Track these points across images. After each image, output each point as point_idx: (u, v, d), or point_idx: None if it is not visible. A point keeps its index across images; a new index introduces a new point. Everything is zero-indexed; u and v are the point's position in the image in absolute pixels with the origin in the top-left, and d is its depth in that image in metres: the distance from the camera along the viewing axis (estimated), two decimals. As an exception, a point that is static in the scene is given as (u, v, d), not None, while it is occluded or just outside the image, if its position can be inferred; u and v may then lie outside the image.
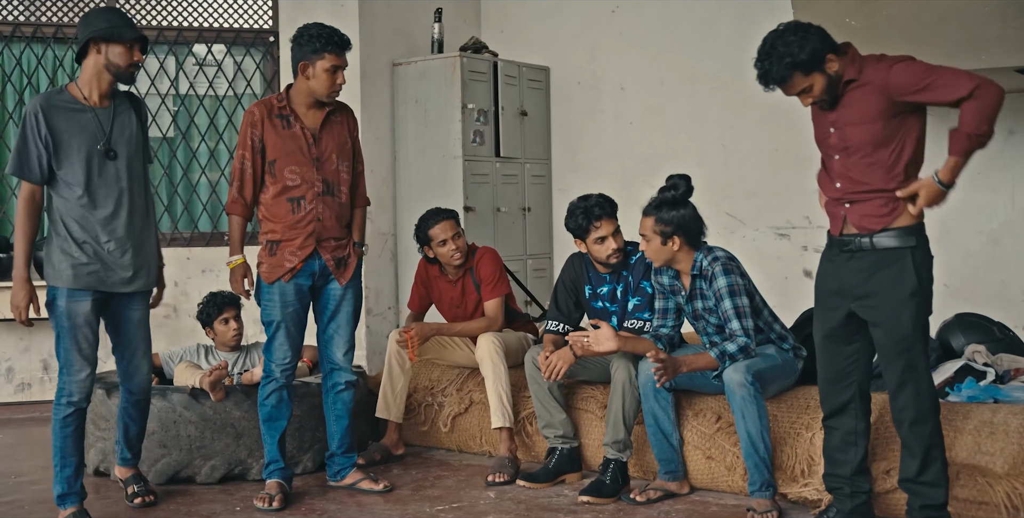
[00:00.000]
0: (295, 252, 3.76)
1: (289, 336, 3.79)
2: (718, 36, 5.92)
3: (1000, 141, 5.11)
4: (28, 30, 5.68)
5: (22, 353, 5.63)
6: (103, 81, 3.47)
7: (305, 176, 3.75)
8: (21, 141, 3.39)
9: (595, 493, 3.74)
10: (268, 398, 3.82)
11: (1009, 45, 3.91)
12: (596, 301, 4.10)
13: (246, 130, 3.76)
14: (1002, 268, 5.14)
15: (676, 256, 3.67)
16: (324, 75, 3.71)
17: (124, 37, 3.43)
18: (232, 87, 5.93)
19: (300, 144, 3.75)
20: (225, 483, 4.04)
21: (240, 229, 3.80)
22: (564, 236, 6.58)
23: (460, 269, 4.47)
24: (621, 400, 3.78)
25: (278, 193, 3.76)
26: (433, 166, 5.94)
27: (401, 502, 3.80)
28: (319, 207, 3.77)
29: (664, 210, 3.63)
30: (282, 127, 3.75)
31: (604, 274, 4.05)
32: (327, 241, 3.80)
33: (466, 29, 6.58)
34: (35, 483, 4.12)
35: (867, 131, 3.03)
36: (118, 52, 3.44)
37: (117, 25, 3.44)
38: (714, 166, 5.86)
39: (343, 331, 3.88)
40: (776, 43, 2.99)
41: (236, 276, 3.79)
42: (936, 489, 3.05)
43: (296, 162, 3.74)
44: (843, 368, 3.19)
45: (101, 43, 3.43)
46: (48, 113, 3.39)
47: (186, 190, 5.89)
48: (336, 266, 3.83)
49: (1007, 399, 3.51)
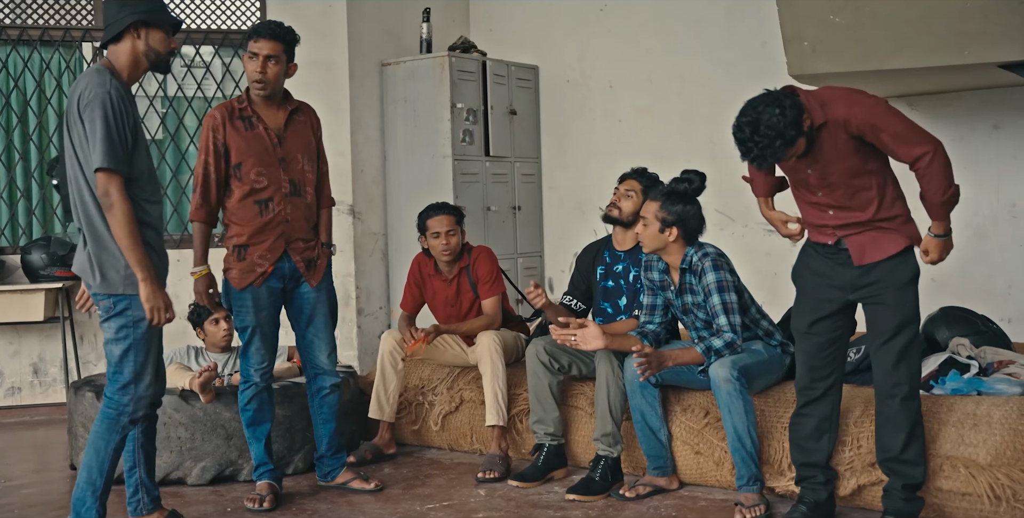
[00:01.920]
0: (264, 255, 3.70)
1: (265, 340, 3.76)
2: (707, 34, 5.94)
3: (985, 136, 5.14)
4: (14, 33, 5.68)
5: (12, 357, 5.63)
6: (140, 69, 3.19)
7: (272, 177, 3.68)
8: (108, 129, 3.00)
9: (583, 491, 3.75)
10: (249, 403, 3.79)
11: (992, 40, 3.92)
12: (608, 280, 4.13)
13: (207, 134, 3.67)
14: (988, 262, 5.16)
15: (669, 247, 3.70)
16: (248, 64, 3.68)
17: (167, 22, 3.18)
18: (220, 88, 5.93)
19: (265, 145, 3.69)
20: (216, 484, 4.05)
21: (204, 237, 3.72)
22: (555, 235, 6.63)
23: (455, 266, 4.48)
24: (606, 392, 3.80)
25: (244, 196, 3.68)
26: (423, 166, 5.95)
27: (392, 501, 3.81)
28: (287, 208, 3.72)
29: (672, 200, 3.67)
30: (244, 129, 3.68)
31: (621, 252, 4.11)
32: (296, 242, 3.75)
33: (455, 28, 6.59)
34: (25, 487, 4.12)
35: (846, 167, 3.10)
36: (159, 38, 3.16)
37: (159, 9, 3.17)
38: (703, 163, 5.80)
39: (323, 334, 3.85)
40: (759, 127, 2.96)
41: (200, 287, 3.71)
42: (917, 468, 3.19)
43: (262, 163, 3.67)
44: (827, 355, 3.28)
45: (142, 28, 3.13)
46: (128, 98, 3.10)
47: (175, 192, 5.89)
48: (306, 268, 3.78)
49: (990, 391, 3.54)
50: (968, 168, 5.18)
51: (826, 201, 3.19)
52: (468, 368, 4.58)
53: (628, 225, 4.06)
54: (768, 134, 2.95)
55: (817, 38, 4.27)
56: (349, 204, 5.84)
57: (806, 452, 3.34)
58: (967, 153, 5.19)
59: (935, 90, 5.12)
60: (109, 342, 3.16)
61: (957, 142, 5.22)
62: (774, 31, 4.92)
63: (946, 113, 5.22)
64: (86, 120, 3.02)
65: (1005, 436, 3.27)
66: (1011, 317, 4.92)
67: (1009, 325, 4.74)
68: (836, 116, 3.03)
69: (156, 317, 3.09)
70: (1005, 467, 3.22)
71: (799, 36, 4.31)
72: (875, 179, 3.14)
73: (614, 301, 4.13)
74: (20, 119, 5.77)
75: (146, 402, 3.20)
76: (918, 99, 5.28)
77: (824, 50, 4.27)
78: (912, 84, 4.87)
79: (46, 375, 5.67)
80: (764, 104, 2.98)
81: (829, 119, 3.04)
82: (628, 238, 4.10)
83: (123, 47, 3.15)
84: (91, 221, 3.10)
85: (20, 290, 5.39)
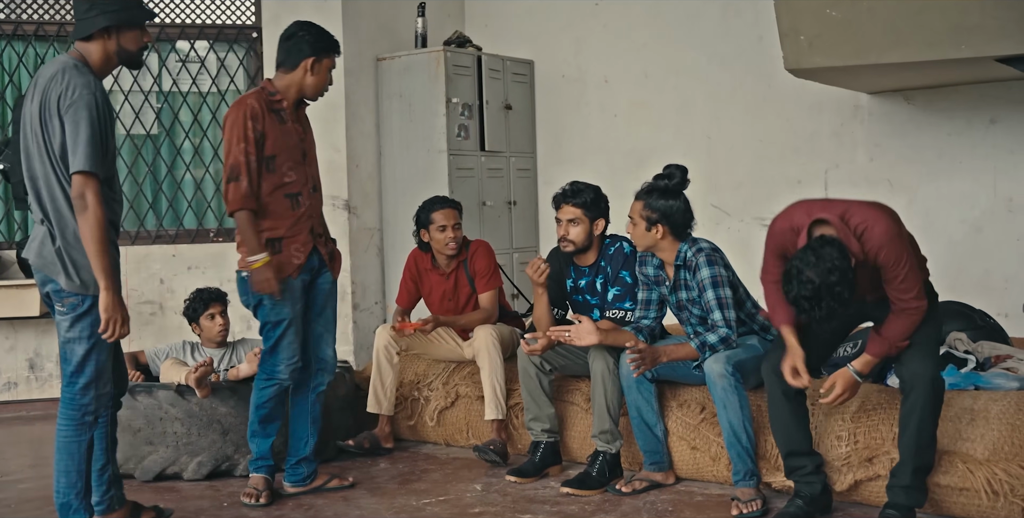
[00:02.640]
0: (300, 248, 3.68)
1: (299, 334, 3.72)
2: (702, 28, 5.93)
3: (982, 130, 5.14)
4: (9, 28, 5.66)
5: (8, 352, 5.62)
6: (111, 65, 3.14)
7: (299, 172, 3.70)
8: (93, 132, 2.96)
9: (578, 485, 3.75)
10: (269, 400, 3.73)
11: (989, 34, 3.91)
12: (577, 294, 4.11)
13: (246, 123, 3.57)
14: (985, 256, 5.16)
15: (659, 244, 3.68)
16: (325, 74, 3.70)
17: (138, 20, 3.11)
18: (215, 83, 5.91)
19: (294, 140, 3.70)
20: (212, 479, 4.04)
21: (255, 225, 3.60)
22: (550, 230, 6.61)
23: (453, 260, 4.47)
24: (603, 390, 3.79)
25: (274, 188, 3.64)
26: (418, 161, 5.94)
27: (388, 495, 3.81)
28: (312, 203, 3.75)
29: (654, 197, 3.64)
30: (279, 122, 3.67)
31: (584, 267, 4.06)
32: (320, 237, 3.79)
33: (450, 23, 6.58)
34: (22, 482, 4.11)
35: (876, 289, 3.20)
36: (130, 37, 3.10)
37: (130, 8, 3.09)
38: (699, 158, 5.86)
39: (332, 327, 3.86)
40: (822, 292, 2.96)
41: (266, 274, 3.56)
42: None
43: (292, 158, 3.68)
44: (824, 342, 3.36)
45: (112, 29, 3.07)
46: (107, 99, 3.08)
47: (171, 187, 5.87)
48: (330, 259, 3.83)
49: (988, 386, 3.54)
50: (965, 162, 5.20)
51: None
52: (464, 363, 4.57)
53: (587, 249, 4.01)
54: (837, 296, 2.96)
55: (813, 32, 4.26)
56: (344, 199, 5.83)
57: (792, 441, 3.34)
58: (964, 147, 5.20)
59: (932, 84, 5.12)
60: (71, 341, 3.06)
61: (954, 136, 5.23)
62: (770, 25, 4.91)
63: (943, 107, 5.22)
64: (68, 120, 2.96)
65: (1003, 431, 3.27)
66: (1008, 311, 4.92)
67: (1006, 320, 4.74)
68: (870, 260, 3.09)
69: (112, 329, 3.00)
70: (1003, 462, 3.22)
71: (795, 30, 4.30)
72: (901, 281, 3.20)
73: (588, 314, 4.08)
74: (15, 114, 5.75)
75: (107, 399, 3.15)
76: (915, 93, 5.28)
77: (821, 44, 4.27)
78: (909, 78, 4.86)
79: (42, 370, 5.66)
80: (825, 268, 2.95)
81: (867, 261, 3.10)
82: (590, 254, 4.02)
83: (94, 46, 3.09)
84: (62, 218, 3.04)
85: (16, 285, 5.37)
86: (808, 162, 5.66)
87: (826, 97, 5.49)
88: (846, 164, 5.55)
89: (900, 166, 5.38)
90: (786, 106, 5.70)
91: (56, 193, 3.03)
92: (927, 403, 3.12)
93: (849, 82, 5.02)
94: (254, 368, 4.03)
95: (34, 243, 3.09)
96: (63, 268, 3.03)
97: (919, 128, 5.31)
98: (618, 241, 4.00)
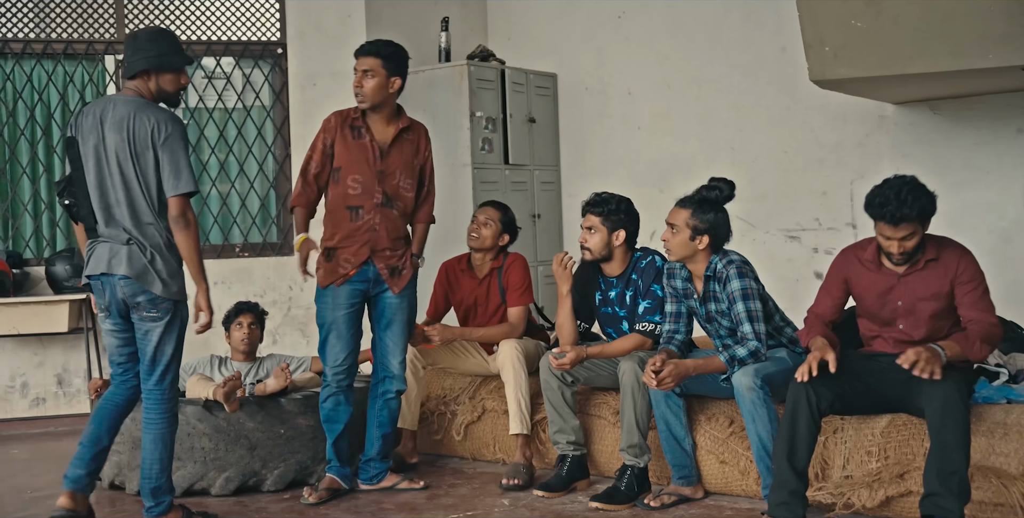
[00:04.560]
0: (349, 259, 3.90)
1: (341, 339, 3.91)
2: (724, 39, 5.92)
3: (1008, 139, 5.10)
4: (39, 47, 5.74)
5: (36, 368, 5.67)
6: (155, 102, 3.53)
7: (367, 187, 3.88)
8: (188, 159, 3.44)
9: (607, 500, 3.73)
10: (326, 401, 3.96)
11: (1016, 43, 3.88)
12: (606, 306, 4.10)
13: (319, 134, 3.94)
14: (1014, 267, 5.11)
15: (697, 255, 3.68)
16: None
17: (175, 66, 3.49)
18: (241, 99, 5.97)
19: (367, 155, 3.89)
20: (240, 495, 4.05)
21: (304, 217, 3.94)
22: (574, 243, 6.60)
23: (487, 264, 4.48)
24: (632, 403, 3.77)
25: (338, 199, 3.90)
26: (442, 175, 5.91)
27: (416, 510, 3.80)
28: (376, 218, 3.90)
29: (704, 208, 3.66)
30: (352, 137, 3.91)
31: (612, 278, 4.05)
32: (382, 251, 3.93)
33: (473, 37, 6.60)
34: (51, 498, 4.11)
35: (935, 306, 3.31)
36: (168, 79, 3.49)
37: (167, 53, 3.46)
38: (723, 169, 5.80)
39: (398, 340, 4.01)
40: (903, 191, 3.20)
41: (309, 245, 3.84)
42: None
43: (360, 172, 3.88)
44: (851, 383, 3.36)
45: (152, 72, 3.46)
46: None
47: (196, 202, 5.92)
48: (390, 274, 3.94)
49: (1020, 399, 3.49)
50: (992, 172, 5.15)
51: (904, 336, 3.36)
52: (490, 377, 4.56)
53: (607, 259, 4.02)
54: (916, 195, 3.20)
55: (838, 43, 4.25)
56: (369, 213, 5.85)
57: (798, 456, 3.21)
58: (990, 157, 5.15)
59: (958, 94, 5.09)
60: (164, 343, 3.47)
61: (980, 146, 5.18)
62: (793, 36, 4.90)
63: (969, 117, 5.18)
64: (166, 150, 3.39)
65: (1036, 445, 3.23)
66: (1038, 322, 4.86)
67: (1037, 331, 4.68)
68: (949, 261, 3.28)
69: (209, 322, 3.48)
70: (1036, 476, 3.18)
71: (820, 41, 4.29)
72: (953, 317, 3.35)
73: (617, 326, 4.08)
74: (44, 132, 5.82)
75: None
76: (940, 103, 5.25)
77: (845, 55, 4.25)
78: (934, 88, 4.83)
79: (70, 386, 5.70)
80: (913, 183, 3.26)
81: (942, 259, 3.29)
82: (615, 265, 4.03)
83: (139, 83, 3.49)
84: (152, 237, 3.43)
85: (44, 301, 5.42)
86: (833, 173, 5.63)
87: (850, 108, 5.46)
88: (872, 175, 5.46)
89: (926, 176, 5.24)
90: (810, 117, 5.68)
91: (146, 215, 3.43)
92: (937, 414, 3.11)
93: (874, 92, 4.99)
94: (281, 383, 4.08)
95: (120, 259, 3.41)
96: (156, 278, 3.42)
97: (945, 138, 5.28)
98: (650, 255, 4.00)
